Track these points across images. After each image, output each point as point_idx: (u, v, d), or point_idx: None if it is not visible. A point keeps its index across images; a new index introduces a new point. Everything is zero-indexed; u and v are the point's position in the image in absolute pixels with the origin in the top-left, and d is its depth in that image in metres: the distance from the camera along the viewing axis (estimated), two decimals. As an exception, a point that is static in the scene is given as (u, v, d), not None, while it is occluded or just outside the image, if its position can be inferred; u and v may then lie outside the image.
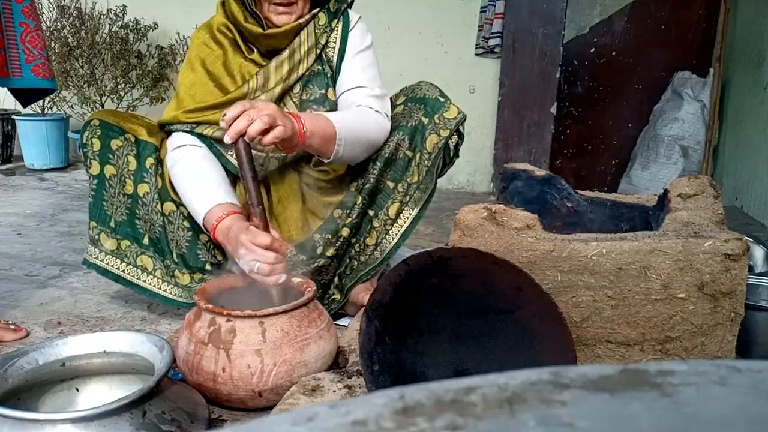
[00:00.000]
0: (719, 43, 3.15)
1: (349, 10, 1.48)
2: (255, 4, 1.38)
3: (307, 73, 1.42)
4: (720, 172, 3.19)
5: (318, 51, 1.42)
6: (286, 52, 1.39)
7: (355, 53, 1.44)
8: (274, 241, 1.14)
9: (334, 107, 1.42)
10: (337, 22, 1.44)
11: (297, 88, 1.42)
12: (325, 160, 1.31)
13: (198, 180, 1.33)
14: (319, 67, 1.42)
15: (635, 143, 3.42)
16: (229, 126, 1.10)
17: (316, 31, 1.41)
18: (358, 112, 1.35)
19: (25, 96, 1.53)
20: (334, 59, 1.43)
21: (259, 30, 1.38)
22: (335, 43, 1.44)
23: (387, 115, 1.38)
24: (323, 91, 1.42)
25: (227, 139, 1.10)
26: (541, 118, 3.17)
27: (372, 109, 1.36)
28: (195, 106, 1.38)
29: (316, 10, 1.42)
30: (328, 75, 1.43)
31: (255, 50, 1.42)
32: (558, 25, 3.09)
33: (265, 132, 1.10)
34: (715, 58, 3.19)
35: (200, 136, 1.38)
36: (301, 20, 1.38)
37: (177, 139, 1.39)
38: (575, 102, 3.49)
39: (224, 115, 1.11)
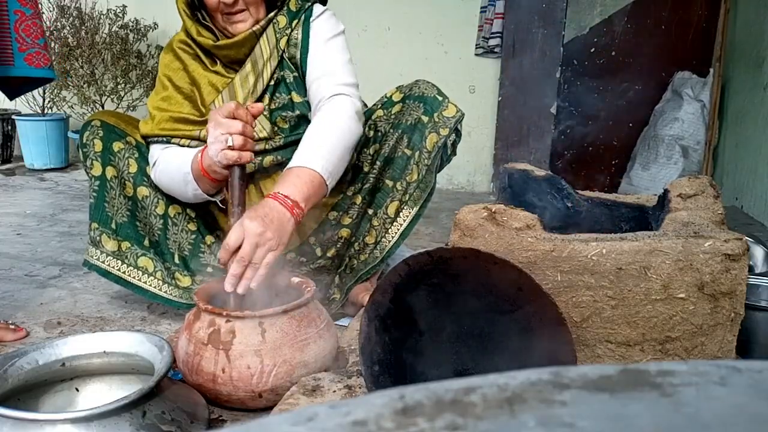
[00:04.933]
0: (719, 43, 3.15)
1: (317, 4, 1.44)
2: (209, 19, 1.38)
3: (272, 82, 1.39)
4: (720, 172, 3.19)
5: (279, 55, 1.39)
6: (248, 66, 1.37)
7: (324, 41, 1.39)
8: (238, 106, 1.12)
9: (302, 110, 1.39)
10: (298, 21, 1.40)
11: (266, 100, 1.39)
12: None
13: (178, 163, 1.31)
14: (282, 72, 1.40)
15: (635, 143, 3.42)
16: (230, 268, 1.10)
17: (276, 35, 1.38)
18: (333, 124, 1.27)
19: (14, 88, 1.48)
20: (298, 54, 1.39)
21: (211, 42, 1.37)
22: (297, 38, 1.40)
23: (357, 102, 1.33)
24: (288, 96, 1.40)
25: (228, 288, 1.10)
26: (541, 118, 3.17)
27: (341, 100, 1.30)
28: (168, 115, 1.37)
29: (272, 14, 1.39)
30: (289, 80, 1.40)
31: (217, 62, 1.41)
32: (558, 25, 3.09)
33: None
34: (715, 58, 3.18)
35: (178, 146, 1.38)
36: (255, 28, 1.36)
37: (154, 153, 1.38)
38: (575, 102, 3.49)
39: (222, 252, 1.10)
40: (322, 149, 1.22)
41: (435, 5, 3.36)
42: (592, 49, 3.44)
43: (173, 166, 1.32)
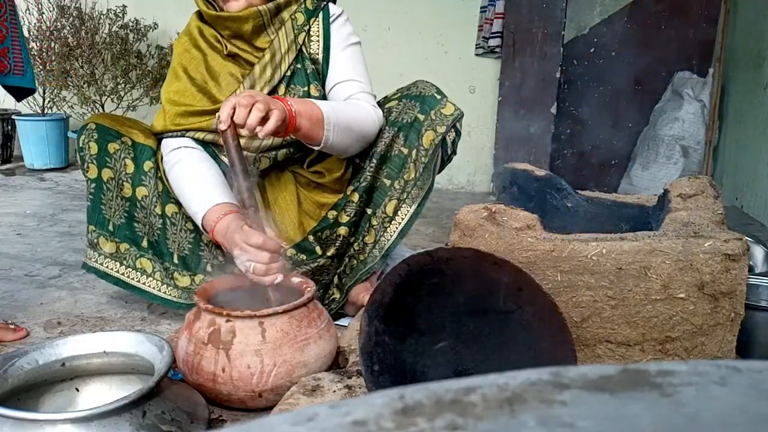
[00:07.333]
0: (719, 43, 3.15)
1: (331, 3, 1.47)
2: None
3: (288, 73, 1.41)
4: (720, 172, 3.19)
5: (296, 50, 1.41)
6: (267, 56, 1.39)
7: (344, 47, 1.43)
8: (267, 240, 1.14)
9: None
10: (315, 19, 1.44)
11: (281, 90, 1.41)
12: (315, 147, 1.28)
13: (195, 182, 1.33)
14: (299, 65, 1.42)
15: (635, 143, 3.42)
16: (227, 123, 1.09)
17: (295, 31, 1.41)
18: (349, 103, 1.35)
19: (17, 92, 1.54)
20: (320, 54, 1.43)
21: (214, 12, 1.39)
22: (318, 37, 1.43)
23: (378, 110, 1.39)
24: (305, 88, 1.41)
25: (222, 127, 1.09)
26: (541, 118, 3.17)
27: (365, 102, 1.37)
28: (182, 110, 1.38)
29: (280, 1, 1.40)
30: (308, 71, 1.42)
31: (228, 45, 1.41)
32: (558, 25, 3.09)
33: (262, 121, 1.09)
34: (715, 58, 3.19)
35: (194, 140, 1.39)
36: (262, 8, 1.37)
37: (172, 142, 1.39)
38: (575, 102, 3.49)
39: (218, 117, 1.10)
40: (333, 105, 1.29)
41: (435, 5, 3.36)
42: (592, 49, 3.44)
43: (186, 195, 1.34)
